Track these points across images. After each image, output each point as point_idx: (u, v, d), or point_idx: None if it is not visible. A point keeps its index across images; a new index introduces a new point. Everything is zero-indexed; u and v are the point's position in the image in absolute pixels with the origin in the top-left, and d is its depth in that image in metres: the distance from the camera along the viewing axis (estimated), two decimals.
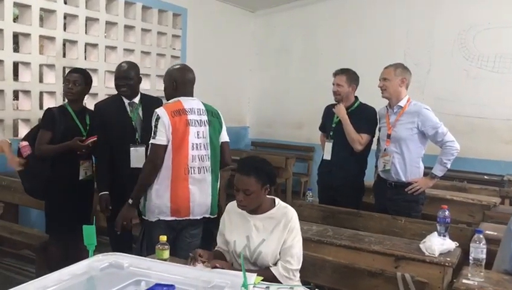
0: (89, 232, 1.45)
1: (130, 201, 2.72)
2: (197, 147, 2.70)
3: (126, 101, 3.22)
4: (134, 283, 1.32)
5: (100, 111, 3.24)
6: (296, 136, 7.02)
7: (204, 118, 2.76)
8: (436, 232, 2.60)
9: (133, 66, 3.30)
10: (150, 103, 3.23)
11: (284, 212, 2.21)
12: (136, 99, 3.25)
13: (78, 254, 3.38)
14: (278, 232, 2.16)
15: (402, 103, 3.33)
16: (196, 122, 2.71)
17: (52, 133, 3.23)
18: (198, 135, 2.71)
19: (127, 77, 3.19)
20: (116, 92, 3.30)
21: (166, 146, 2.63)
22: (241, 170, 2.18)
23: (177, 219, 2.70)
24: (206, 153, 2.74)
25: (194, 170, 2.69)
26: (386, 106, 3.47)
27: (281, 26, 7.17)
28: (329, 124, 3.77)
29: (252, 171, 2.15)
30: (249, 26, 7.34)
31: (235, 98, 7.21)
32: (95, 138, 3.19)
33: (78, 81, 3.26)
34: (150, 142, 2.64)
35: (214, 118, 2.82)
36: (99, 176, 3.26)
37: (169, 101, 2.76)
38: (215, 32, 6.54)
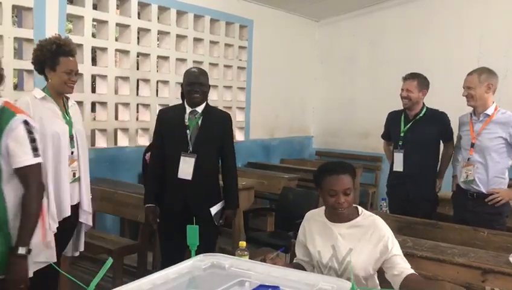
0: (192, 232, 1.48)
1: None
2: None
3: (188, 110, 3.01)
4: (238, 283, 1.33)
5: (160, 117, 3.14)
6: (362, 146, 6.87)
7: None
8: None
9: (205, 72, 3.11)
10: (214, 116, 3.09)
11: (372, 220, 2.14)
12: (200, 108, 3.01)
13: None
14: (366, 242, 2.08)
15: (489, 111, 3.13)
16: None
17: None
18: None
19: (202, 83, 3.01)
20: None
21: None
22: (338, 170, 2.08)
23: None
24: None
25: None
26: (470, 113, 3.27)
27: (346, 34, 7.08)
28: (396, 132, 3.64)
29: (347, 169, 2.09)
30: (314, 35, 7.31)
31: (300, 108, 7.20)
32: None
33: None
34: None
35: None
36: (148, 185, 3.16)
37: None
38: (279, 42, 6.57)
